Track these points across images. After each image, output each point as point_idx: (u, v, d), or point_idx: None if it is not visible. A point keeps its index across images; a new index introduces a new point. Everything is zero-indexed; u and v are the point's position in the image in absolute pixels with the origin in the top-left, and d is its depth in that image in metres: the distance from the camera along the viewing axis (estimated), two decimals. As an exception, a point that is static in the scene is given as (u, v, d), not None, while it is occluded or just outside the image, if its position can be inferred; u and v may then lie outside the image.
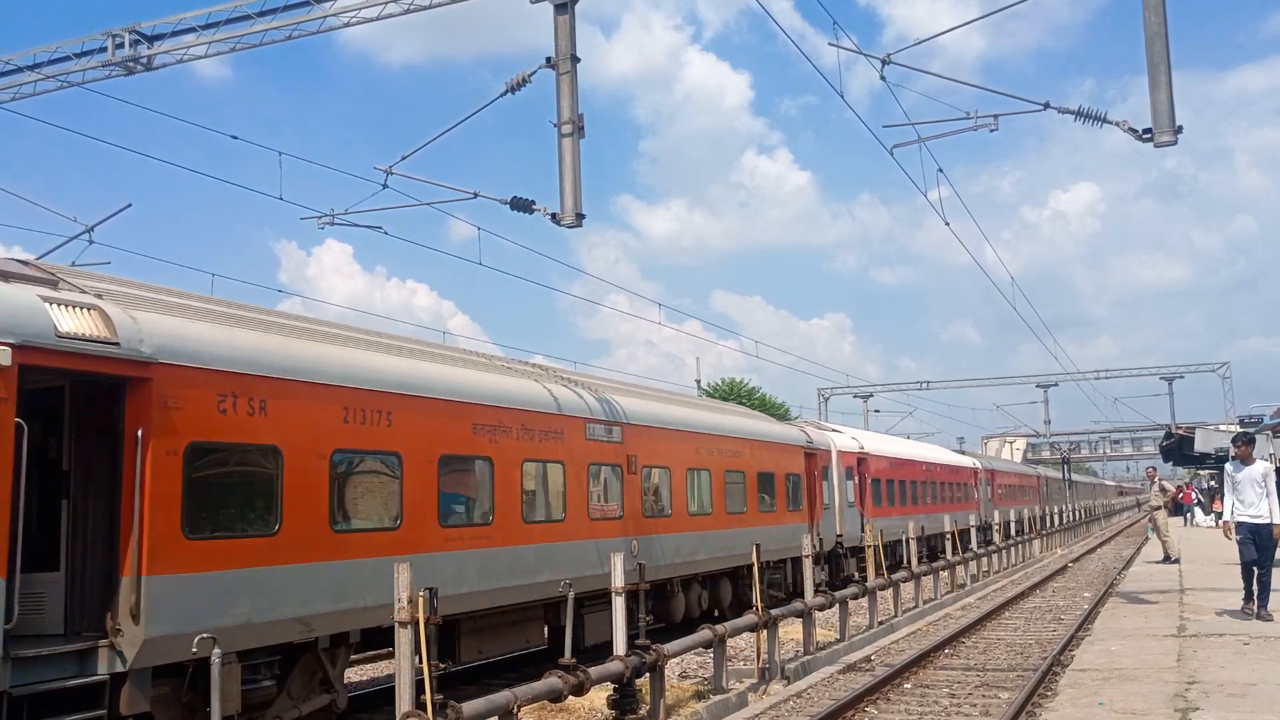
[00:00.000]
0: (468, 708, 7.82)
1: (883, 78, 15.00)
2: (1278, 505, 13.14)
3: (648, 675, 10.48)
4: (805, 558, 14.84)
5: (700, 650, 12.54)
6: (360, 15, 16.78)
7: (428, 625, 7.56)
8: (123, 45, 17.72)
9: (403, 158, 14.57)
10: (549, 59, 13.03)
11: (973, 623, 17.40)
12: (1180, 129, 12.60)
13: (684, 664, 14.00)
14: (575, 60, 12.97)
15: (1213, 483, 47.18)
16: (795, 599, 14.30)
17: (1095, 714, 8.73)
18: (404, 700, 7.55)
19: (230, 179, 72.15)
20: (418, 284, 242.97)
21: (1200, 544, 29.57)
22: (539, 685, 9.13)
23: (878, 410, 62.60)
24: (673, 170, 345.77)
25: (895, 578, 18.71)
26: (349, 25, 17.17)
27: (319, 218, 15.76)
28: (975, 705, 11.11)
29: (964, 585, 24.03)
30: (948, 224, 20.98)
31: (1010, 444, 71.25)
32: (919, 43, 19.19)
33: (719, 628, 11.95)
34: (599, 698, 10.66)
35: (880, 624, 17.52)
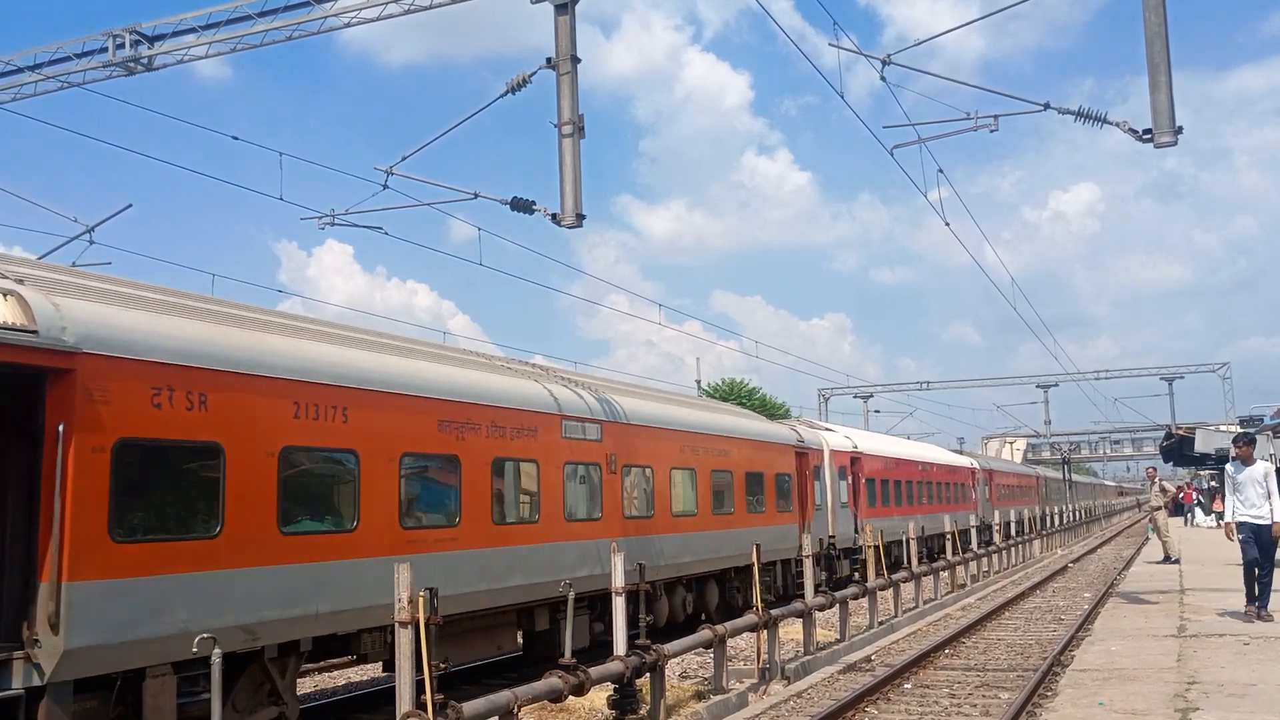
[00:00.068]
0: (468, 708, 7.81)
1: (883, 78, 15.06)
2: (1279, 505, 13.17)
3: (648, 675, 10.47)
4: (805, 557, 14.83)
5: (700, 650, 12.53)
6: (360, 15, 16.83)
7: (428, 625, 7.52)
8: (123, 45, 17.77)
9: (403, 158, 14.65)
10: (549, 59, 13.11)
11: (973, 623, 17.42)
12: (1180, 129, 12.65)
13: (684, 664, 14.02)
14: (575, 61, 13.03)
15: (1213, 483, 47.18)
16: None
17: (1095, 714, 8.73)
18: (404, 700, 7.52)
19: (230, 179, 72.44)
20: (418, 284, 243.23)
21: (1200, 544, 29.64)
22: (539, 685, 9.09)
23: (878, 410, 62.74)
24: (673, 170, 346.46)
25: (895, 578, 18.70)
26: (349, 26, 17.22)
27: (319, 218, 15.82)
28: (975, 705, 11.13)
29: (964, 585, 24.03)
30: (948, 224, 21.03)
31: (1010, 444, 71.23)
32: (919, 43, 19.27)
33: (719, 628, 11.92)
34: (599, 698, 10.66)
35: (880, 624, 17.52)
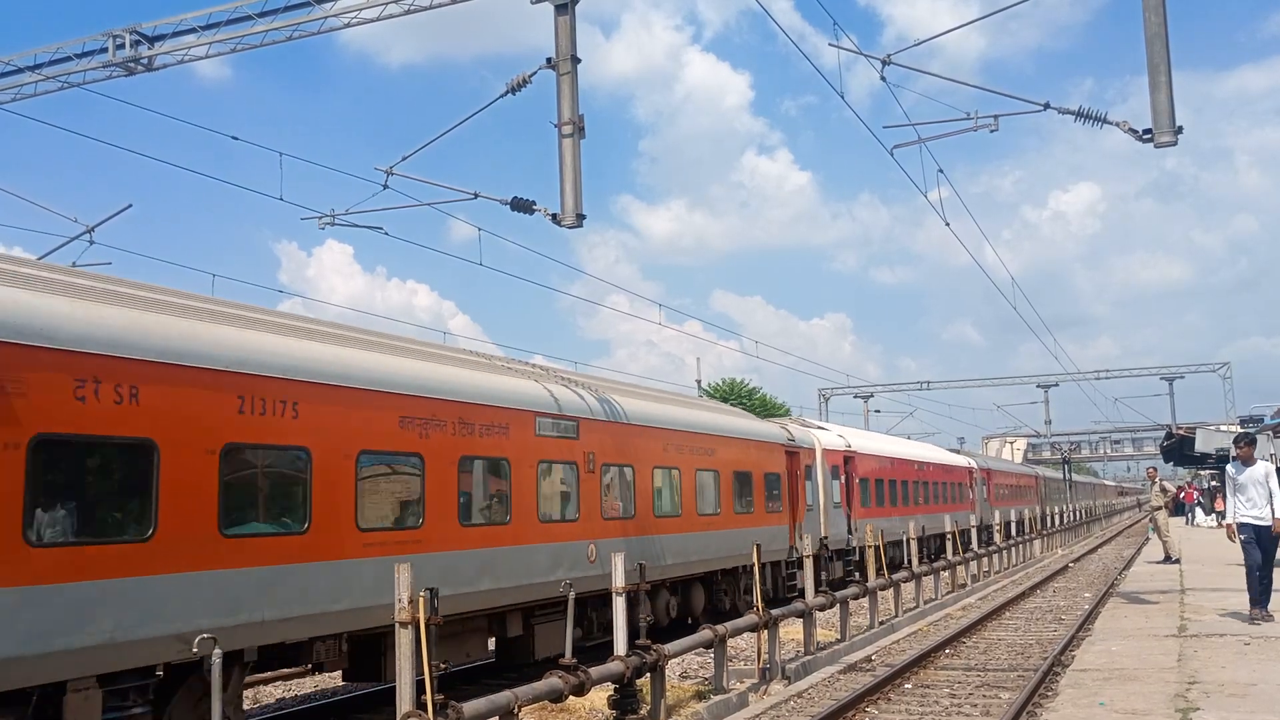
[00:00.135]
0: (468, 708, 7.78)
1: (883, 78, 15.06)
2: None
3: (648, 675, 10.45)
4: (806, 557, 14.83)
5: (701, 650, 12.52)
6: (360, 16, 16.80)
7: (429, 626, 7.46)
8: (123, 46, 17.76)
9: (403, 158, 14.60)
10: (549, 59, 13.05)
11: (973, 623, 17.39)
12: (1180, 129, 12.62)
13: (684, 664, 14.00)
14: (575, 61, 12.99)
15: (1214, 483, 47.20)
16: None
17: (1096, 714, 8.74)
18: (404, 700, 7.50)
19: (230, 179, 72.33)
20: (418, 284, 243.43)
21: (1201, 544, 29.63)
22: (540, 685, 9.06)
23: (878, 410, 62.62)
24: (673, 170, 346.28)
25: (896, 577, 18.69)
26: (349, 26, 17.20)
27: (319, 218, 15.77)
28: (976, 705, 11.10)
29: (964, 585, 24.00)
30: (948, 224, 21.10)
31: (1011, 444, 71.29)
32: (919, 43, 19.29)
33: (720, 627, 11.90)
34: (599, 698, 10.63)
35: (881, 624, 17.50)
